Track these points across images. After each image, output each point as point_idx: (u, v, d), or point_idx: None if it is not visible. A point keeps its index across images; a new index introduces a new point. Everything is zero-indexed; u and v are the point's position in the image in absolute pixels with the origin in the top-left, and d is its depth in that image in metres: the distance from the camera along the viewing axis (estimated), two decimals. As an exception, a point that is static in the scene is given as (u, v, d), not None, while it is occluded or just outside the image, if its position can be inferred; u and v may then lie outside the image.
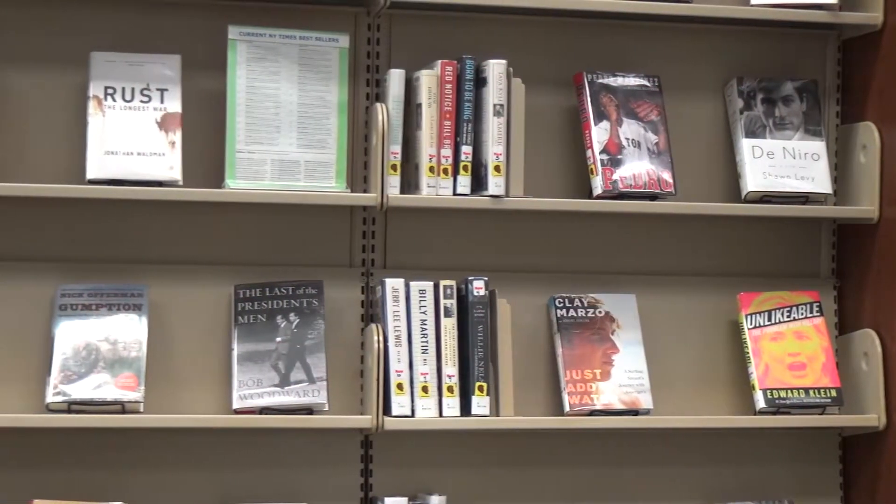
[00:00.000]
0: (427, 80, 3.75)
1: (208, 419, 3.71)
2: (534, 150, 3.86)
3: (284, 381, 3.70)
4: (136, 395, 3.61)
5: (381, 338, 3.69)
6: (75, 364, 3.62)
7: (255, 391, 3.69)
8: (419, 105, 3.75)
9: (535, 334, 3.91)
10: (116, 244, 3.78)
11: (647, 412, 3.83)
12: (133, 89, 3.68)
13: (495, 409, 3.76)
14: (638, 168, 3.85)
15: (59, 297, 3.68)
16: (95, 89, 3.66)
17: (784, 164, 3.97)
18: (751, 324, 3.95)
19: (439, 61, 3.76)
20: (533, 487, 3.92)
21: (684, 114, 4.01)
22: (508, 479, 3.91)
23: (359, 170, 3.86)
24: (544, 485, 3.93)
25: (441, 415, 3.72)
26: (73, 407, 3.58)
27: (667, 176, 3.87)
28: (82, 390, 3.59)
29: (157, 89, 3.69)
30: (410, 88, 3.78)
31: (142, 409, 3.61)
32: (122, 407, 3.59)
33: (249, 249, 3.84)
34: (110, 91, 3.67)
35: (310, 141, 3.74)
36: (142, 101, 3.68)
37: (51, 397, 3.59)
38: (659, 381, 3.90)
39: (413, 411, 3.71)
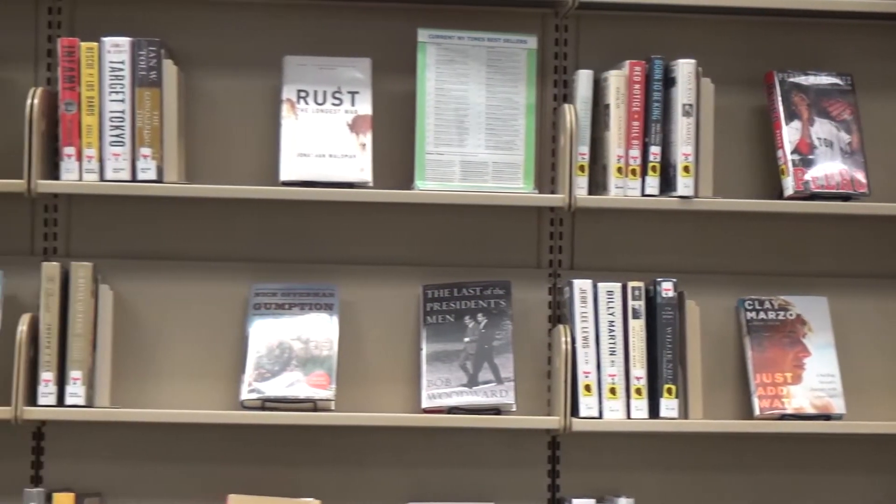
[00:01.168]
0: (615, 80, 3.66)
1: (398, 418, 3.66)
2: (723, 150, 3.74)
3: (472, 381, 3.63)
4: (327, 393, 3.58)
5: (568, 339, 3.61)
6: (269, 362, 3.60)
7: (443, 391, 3.63)
8: (607, 106, 3.66)
9: (723, 336, 3.79)
10: (308, 244, 3.76)
11: (839, 417, 3.69)
12: (325, 92, 3.65)
13: (684, 412, 3.65)
14: (830, 168, 3.72)
15: (253, 297, 3.67)
16: (288, 93, 3.63)
17: (981, 163, 3.82)
18: (946, 327, 3.80)
19: (627, 62, 3.67)
20: (720, 492, 3.80)
21: (878, 112, 3.86)
22: (696, 482, 3.80)
23: (546, 171, 3.78)
24: (732, 489, 3.80)
25: (629, 417, 3.62)
26: (266, 404, 3.56)
27: (860, 176, 3.73)
28: (276, 388, 3.57)
29: (349, 92, 3.66)
30: (598, 89, 3.69)
31: (333, 408, 3.57)
32: (314, 405, 3.56)
33: (438, 250, 3.79)
34: (303, 94, 3.64)
35: (498, 142, 3.68)
36: (333, 104, 3.65)
37: (245, 394, 3.57)
38: (851, 386, 3.76)
39: (601, 413, 3.62)
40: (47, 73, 3.71)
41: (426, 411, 3.63)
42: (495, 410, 3.62)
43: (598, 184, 3.70)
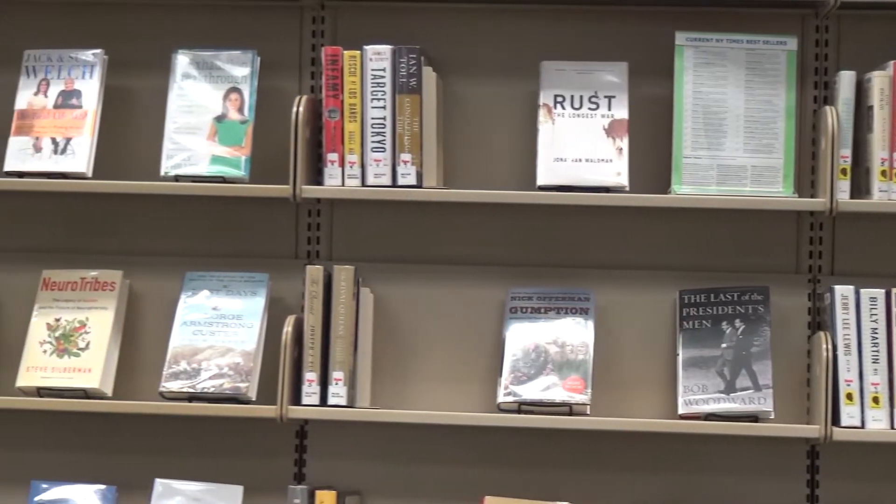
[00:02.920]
0: (879, 81, 3.49)
1: (654, 423, 3.54)
2: None
3: (730, 388, 3.51)
4: (583, 397, 3.49)
5: (829, 346, 3.46)
6: (525, 365, 3.53)
7: (700, 397, 3.51)
8: (870, 107, 3.50)
9: None
10: (564, 249, 3.68)
11: None
12: (581, 97, 3.57)
13: (950, 422, 3.48)
14: None
15: (510, 301, 3.60)
16: (545, 97, 3.56)
17: None
18: None
19: (892, 62, 3.49)
20: None
21: None
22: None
23: (806, 174, 3.63)
24: None
25: (893, 427, 3.45)
26: (522, 407, 3.49)
27: None
28: (532, 391, 3.50)
29: (605, 96, 3.57)
30: (861, 90, 3.52)
31: (588, 412, 3.49)
32: (569, 409, 3.48)
33: (694, 255, 3.67)
34: (560, 99, 3.57)
35: (756, 146, 3.55)
36: (590, 109, 3.57)
37: (502, 397, 3.51)
38: None
39: (863, 422, 3.46)
40: (311, 81, 3.71)
41: (682, 417, 3.51)
42: (753, 418, 3.48)
43: (860, 187, 3.53)
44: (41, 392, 3.59)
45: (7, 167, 3.64)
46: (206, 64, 3.64)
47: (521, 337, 3.56)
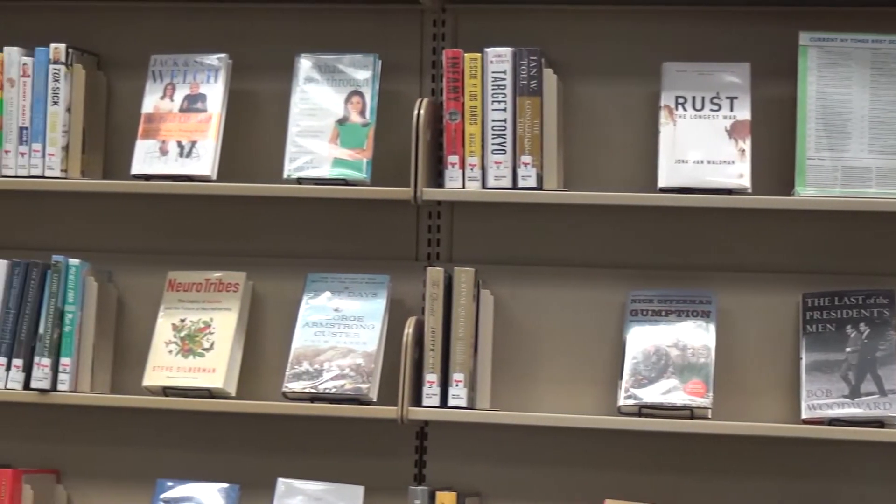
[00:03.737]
0: None
1: (777, 428, 3.47)
2: None
3: (854, 393, 3.42)
4: (704, 401, 3.43)
5: (957, 350, 3.38)
6: (646, 368, 3.48)
7: (823, 401, 3.43)
8: None
9: None
10: (685, 251, 3.62)
11: None
12: (703, 98, 3.50)
13: None
14: None
15: (630, 303, 3.55)
16: (667, 99, 3.51)
17: None
18: None
19: None
20: None
21: None
22: None
23: (932, 176, 3.55)
24: None
25: None
26: (643, 410, 3.44)
27: None
28: (652, 394, 3.44)
29: (727, 98, 3.50)
30: None
31: (710, 416, 3.43)
32: (690, 412, 3.42)
33: (817, 257, 3.58)
34: (681, 100, 3.51)
35: (882, 147, 3.46)
36: (712, 110, 3.51)
37: (622, 400, 3.46)
38: None
39: None
40: (432, 84, 3.70)
41: (805, 422, 3.44)
42: (878, 423, 3.40)
43: None
44: (167, 391, 3.61)
45: (134, 170, 3.67)
46: (329, 67, 3.64)
47: (642, 339, 3.51)
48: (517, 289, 3.64)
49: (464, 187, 3.52)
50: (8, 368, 3.65)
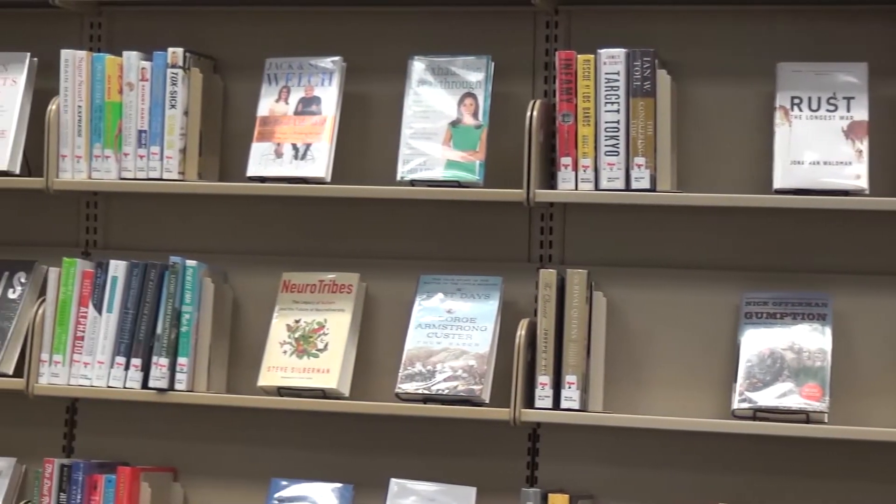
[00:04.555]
0: None
1: (893, 433, 3.41)
2: None
3: (975, 397, 3.36)
4: (821, 405, 3.36)
5: None
6: (760, 372, 3.42)
7: (943, 405, 3.37)
8: None
9: None
10: (800, 253, 3.55)
11: None
12: (819, 98, 3.43)
13: None
14: None
15: (745, 305, 3.49)
16: (782, 99, 3.44)
17: None
18: None
19: None
20: None
21: None
22: None
23: None
24: None
25: None
26: (758, 414, 3.39)
27: None
28: (767, 398, 3.37)
29: (844, 98, 3.43)
30: None
31: (826, 420, 3.36)
32: (806, 416, 3.35)
33: (936, 260, 3.52)
34: (797, 101, 3.44)
35: None
36: (828, 111, 3.43)
37: (736, 404, 3.40)
38: None
39: None
40: (544, 85, 3.66)
41: (924, 426, 3.37)
42: None
43: None
44: (281, 391, 3.62)
45: (249, 172, 3.68)
46: (442, 70, 3.62)
47: (757, 342, 3.45)
48: (630, 291, 3.60)
49: (576, 189, 3.49)
50: (126, 368, 3.68)
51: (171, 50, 3.70)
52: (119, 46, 3.80)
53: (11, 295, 3.83)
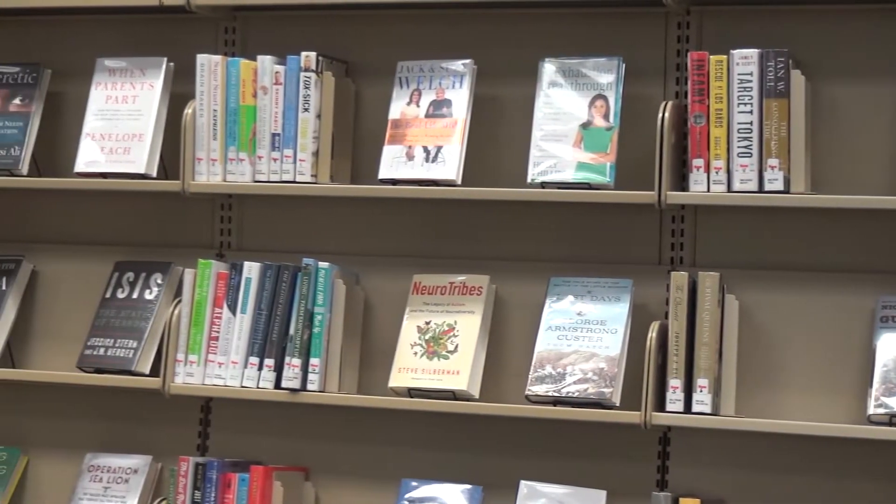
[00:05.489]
0: None
1: None
2: None
3: None
4: (959, 411, 3.29)
5: None
6: (896, 377, 3.35)
7: None
8: None
9: None
10: (938, 256, 3.48)
11: None
12: (958, 98, 3.37)
13: None
14: None
15: (880, 309, 3.40)
16: (919, 99, 3.38)
17: None
18: None
19: None
20: None
21: None
22: None
23: None
24: None
25: None
26: (894, 420, 3.30)
27: None
28: (904, 404, 3.32)
29: (984, 97, 3.35)
30: None
31: (965, 426, 3.28)
32: (944, 422, 3.29)
33: None
34: (935, 100, 3.38)
35: None
36: (967, 110, 3.36)
37: (872, 409, 3.31)
38: None
39: None
40: (676, 86, 3.61)
41: None
42: None
43: None
44: (412, 393, 3.61)
45: (381, 175, 3.68)
46: (572, 72, 3.59)
47: (893, 347, 3.36)
48: (762, 293, 3.53)
49: (709, 191, 3.43)
50: (260, 368, 3.70)
51: (304, 54, 3.71)
52: (253, 51, 3.82)
53: (148, 296, 3.88)
